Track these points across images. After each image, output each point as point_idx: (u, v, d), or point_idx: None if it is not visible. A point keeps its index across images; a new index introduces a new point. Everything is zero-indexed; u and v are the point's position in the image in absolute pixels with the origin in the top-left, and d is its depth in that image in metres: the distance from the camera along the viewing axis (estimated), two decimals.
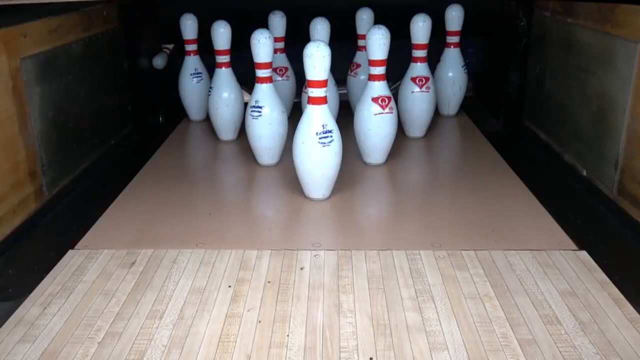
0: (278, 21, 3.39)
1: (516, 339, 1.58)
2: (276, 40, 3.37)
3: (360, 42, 3.36)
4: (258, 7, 3.46)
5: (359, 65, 3.41)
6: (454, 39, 3.41)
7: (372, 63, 2.71)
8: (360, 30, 3.34)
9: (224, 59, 3.13)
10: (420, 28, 3.07)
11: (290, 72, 3.48)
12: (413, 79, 3.13)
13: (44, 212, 2.41)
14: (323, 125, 2.34)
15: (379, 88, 2.71)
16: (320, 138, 2.33)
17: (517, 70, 3.40)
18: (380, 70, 2.70)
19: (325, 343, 1.57)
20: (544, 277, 1.85)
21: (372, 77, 2.72)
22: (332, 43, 3.26)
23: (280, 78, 3.41)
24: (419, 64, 3.13)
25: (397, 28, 3.08)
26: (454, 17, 3.34)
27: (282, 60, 3.45)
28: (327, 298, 1.77)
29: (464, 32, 3.42)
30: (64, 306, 1.76)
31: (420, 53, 3.12)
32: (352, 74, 3.44)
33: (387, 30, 2.68)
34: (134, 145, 3.32)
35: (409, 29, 3.12)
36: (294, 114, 3.13)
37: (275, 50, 3.41)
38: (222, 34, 3.11)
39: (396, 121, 2.76)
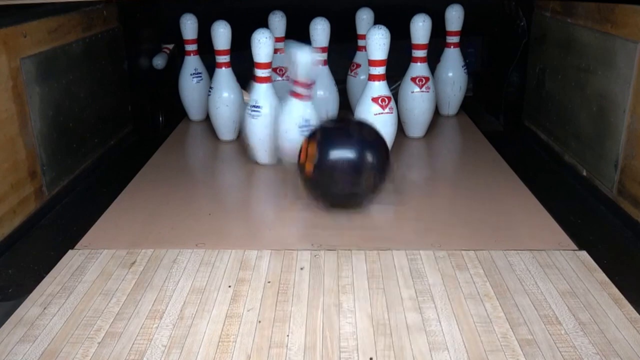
0: (278, 21, 3.39)
1: (516, 339, 1.58)
2: (276, 40, 3.37)
3: (360, 42, 3.36)
4: (258, 7, 3.46)
5: (359, 65, 3.41)
6: (454, 39, 3.40)
7: (372, 63, 2.71)
8: (360, 30, 3.34)
9: (224, 59, 3.13)
10: (420, 28, 3.07)
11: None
12: (413, 79, 3.12)
13: (44, 212, 2.41)
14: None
15: (379, 88, 2.71)
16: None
17: (517, 70, 3.40)
18: (380, 70, 2.70)
19: (325, 343, 1.57)
20: (544, 277, 1.85)
21: (372, 77, 2.72)
22: (332, 43, 3.27)
23: (280, 78, 3.41)
24: (419, 64, 3.13)
25: (397, 28, 3.08)
26: (454, 17, 3.34)
27: (282, 60, 3.45)
28: (327, 298, 1.77)
29: (464, 32, 3.42)
30: (64, 306, 1.76)
31: (420, 53, 3.12)
32: (352, 74, 3.44)
33: (387, 30, 2.68)
34: (134, 145, 3.32)
35: (409, 29, 3.12)
36: None
37: (275, 50, 3.41)
38: (222, 34, 3.10)
39: (396, 121, 2.76)
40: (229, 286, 1.84)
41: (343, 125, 2.43)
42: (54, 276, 1.91)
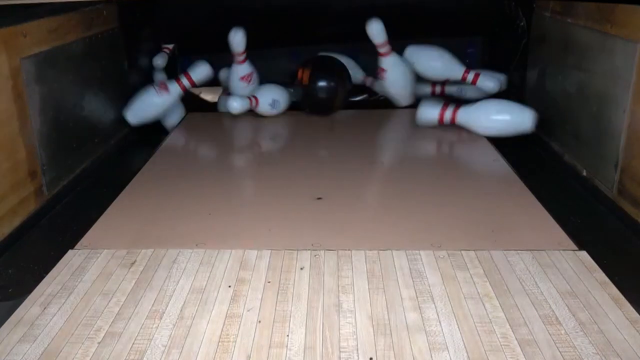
0: (240, 39, 3.41)
1: (516, 339, 1.58)
2: (239, 54, 3.43)
3: (381, 50, 3.36)
4: (257, 6, 3.46)
5: (384, 70, 3.43)
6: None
7: None
8: (376, 39, 3.34)
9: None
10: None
11: (254, 76, 3.55)
12: None
13: (44, 212, 2.41)
14: None
15: None
16: None
17: (517, 71, 3.40)
18: None
19: (325, 343, 1.57)
20: (544, 277, 1.85)
21: None
22: (332, 43, 3.28)
23: (246, 84, 3.48)
24: None
25: (398, 28, 3.08)
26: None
27: (246, 68, 3.50)
28: (327, 298, 1.77)
29: (464, 32, 3.42)
30: (64, 306, 1.76)
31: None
32: (379, 77, 3.48)
33: None
34: (134, 145, 3.32)
35: (409, 29, 3.12)
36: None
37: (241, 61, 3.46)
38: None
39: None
40: (229, 286, 1.84)
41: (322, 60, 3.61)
42: (54, 276, 1.91)
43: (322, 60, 3.59)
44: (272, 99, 3.49)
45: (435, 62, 3.43)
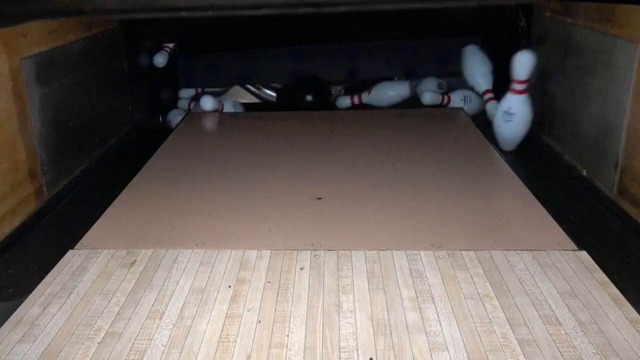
0: None
1: (516, 339, 1.58)
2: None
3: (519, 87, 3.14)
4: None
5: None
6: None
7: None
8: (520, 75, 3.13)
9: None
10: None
11: None
12: None
13: (44, 212, 2.41)
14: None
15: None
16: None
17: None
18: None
19: (325, 343, 1.57)
20: (544, 277, 1.85)
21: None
22: (330, 43, 3.28)
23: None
24: None
25: (400, 27, 3.07)
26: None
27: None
28: (327, 298, 1.77)
29: (463, 32, 3.42)
30: (64, 306, 1.76)
31: None
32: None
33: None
34: (134, 145, 3.32)
35: (408, 29, 3.12)
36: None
37: None
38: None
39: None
40: (229, 286, 1.84)
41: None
42: (54, 276, 1.91)
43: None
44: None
45: (477, 70, 3.61)
